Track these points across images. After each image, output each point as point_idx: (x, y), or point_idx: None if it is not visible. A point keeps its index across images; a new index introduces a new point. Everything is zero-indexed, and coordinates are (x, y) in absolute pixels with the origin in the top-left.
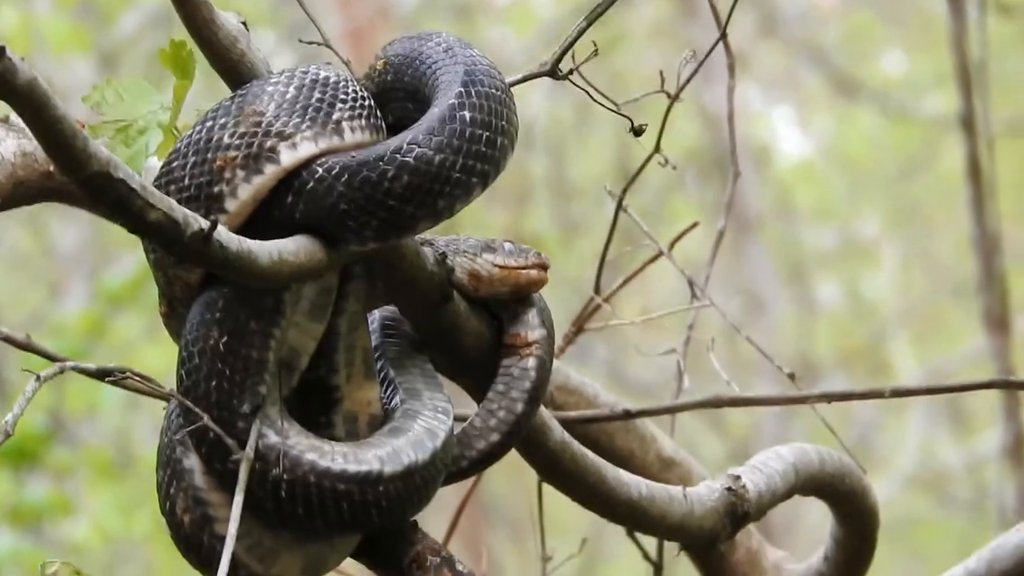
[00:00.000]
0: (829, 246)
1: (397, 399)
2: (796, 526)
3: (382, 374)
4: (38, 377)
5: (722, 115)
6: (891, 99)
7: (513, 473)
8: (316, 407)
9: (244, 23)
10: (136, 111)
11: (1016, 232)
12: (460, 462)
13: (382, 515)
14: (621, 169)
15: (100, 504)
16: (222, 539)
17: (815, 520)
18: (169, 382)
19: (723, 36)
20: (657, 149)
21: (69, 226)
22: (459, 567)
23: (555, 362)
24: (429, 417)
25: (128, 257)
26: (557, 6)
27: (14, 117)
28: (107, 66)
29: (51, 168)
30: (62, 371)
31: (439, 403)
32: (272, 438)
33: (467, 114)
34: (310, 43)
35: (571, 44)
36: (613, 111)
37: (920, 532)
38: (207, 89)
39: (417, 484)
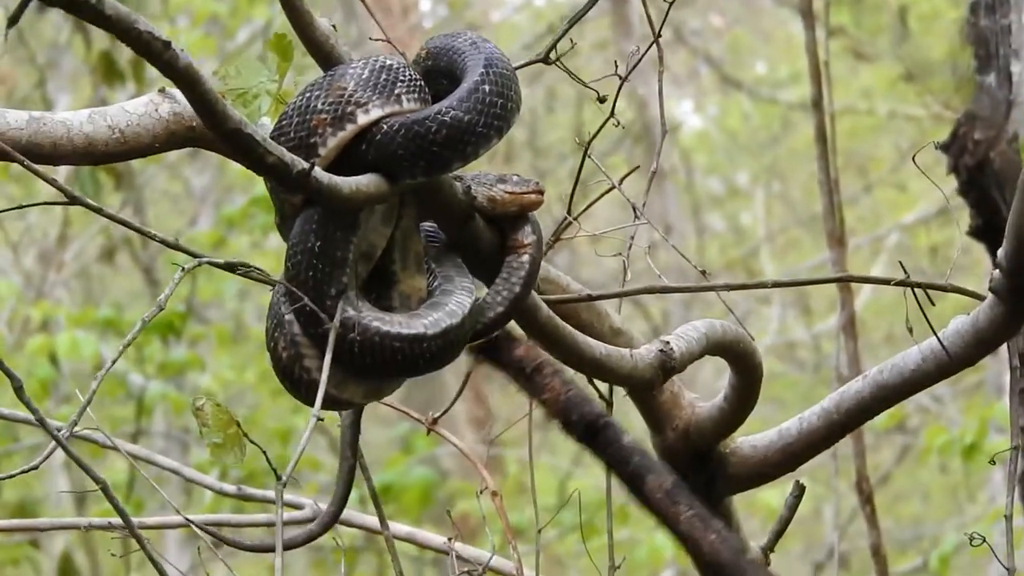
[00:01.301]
0: (717, 190)
1: (436, 283)
2: (693, 385)
3: (427, 267)
4: (183, 268)
5: (647, 99)
6: (759, 90)
7: None
8: (383, 291)
9: (334, 25)
10: (250, 82)
11: (847, 179)
12: (476, 326)
13: (427, 364)
14: (577, 137)
15: (221, 363)
16: (308, 370)
17: (706, 380)
18: (274, 276)
19: (657, 38)
20: (612, 113)
21: (199, 173)
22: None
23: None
24: (459, 294)
25: (240, 196)
26: (534, 23)
27: (168, 89)
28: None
29: (193, 123)
30: (200, 264)
31: (466, 284)
32: (351, 312)
33: (487, 87)
34: (376, 40)
35: (560, 37)
36: (584, 85)
37: (777, 385)
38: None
39: (451, 341)
